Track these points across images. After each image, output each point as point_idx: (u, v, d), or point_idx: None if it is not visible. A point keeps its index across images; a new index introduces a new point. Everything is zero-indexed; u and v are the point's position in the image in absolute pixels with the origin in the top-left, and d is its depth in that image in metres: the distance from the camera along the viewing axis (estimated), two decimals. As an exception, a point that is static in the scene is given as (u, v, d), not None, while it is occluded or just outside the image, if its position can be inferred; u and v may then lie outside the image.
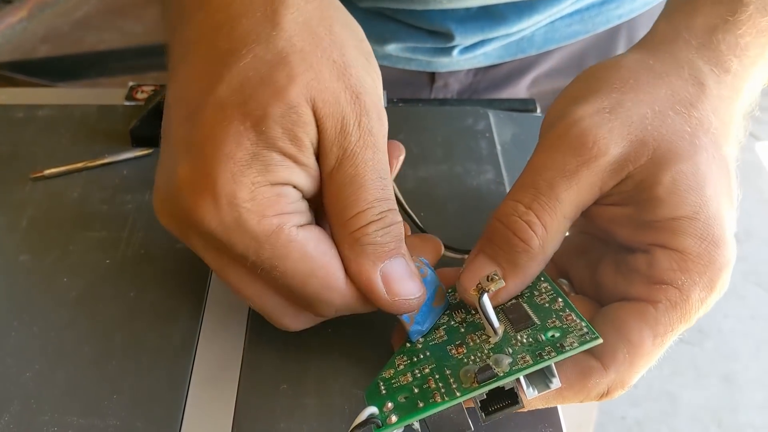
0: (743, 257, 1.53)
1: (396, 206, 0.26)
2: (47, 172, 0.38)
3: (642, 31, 0.52)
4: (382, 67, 0.52)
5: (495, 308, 0.27)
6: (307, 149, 0.25)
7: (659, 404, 1.30)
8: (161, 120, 0.40)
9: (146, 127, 0.40)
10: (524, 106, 0.45)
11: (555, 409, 0.29)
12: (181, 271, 0.34)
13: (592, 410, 0.62)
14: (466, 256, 0.31)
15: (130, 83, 0.45)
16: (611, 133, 0.25)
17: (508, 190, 0.39)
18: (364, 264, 0.26)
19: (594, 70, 0.29)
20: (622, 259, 0.27)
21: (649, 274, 0.26)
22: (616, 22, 0.49)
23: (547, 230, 0.26)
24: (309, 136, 0.24)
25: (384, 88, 0.45)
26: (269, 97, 0.23)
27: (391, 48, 0.47)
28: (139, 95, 0.44)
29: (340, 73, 0.25)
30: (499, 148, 0.41)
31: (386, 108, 0.44)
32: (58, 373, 0.30)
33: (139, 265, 0.34)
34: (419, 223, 0.34)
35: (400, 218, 0.26)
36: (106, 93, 0.45)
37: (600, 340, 0.24)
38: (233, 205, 0.23)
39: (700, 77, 0.27)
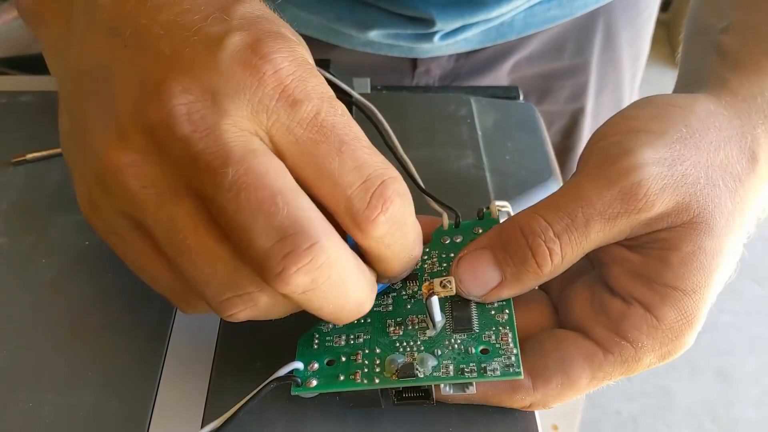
0: (739, 253, 1.53)
1: None
2: (29, 156, 0.38)
3: (619, 16, 0.52)
4: (364, 54, 0.52)
5: (445, 297, 0.27)
6: None
7: (654, 399, 1.30)
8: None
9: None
10: (507, 93, 0.46)
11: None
12: (159, 252, 0.34)
13: (579, 400, 0.62)
14: (444, 213, 0.31)
15: (115, 71, 0.45)
16: (663, 191, 0.25)
17: (487, 174, 0.39)
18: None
19: (665, 104, 0.27)
20: (599, 293, 0.27)
21: (617, 325, 0.26)
22: (593, 6, 0.50)
23: (563, 261, 0.25)
24: None
25: (367, 75, 0.46)
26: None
27: (373, 34, 0.47)
28: (123, 82, 0.44)
29: None
30: (480, 133, 0.42)
31: (370, 95, 0.44)
32: (33, 351, 0.30)
33: (118, 247, 0.34)
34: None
35: None
36: (90, 80, 0.45)
37: (521, 377, 0.25)
38: (301, 52, 0.23)
39: (757, 152, 0.27)
